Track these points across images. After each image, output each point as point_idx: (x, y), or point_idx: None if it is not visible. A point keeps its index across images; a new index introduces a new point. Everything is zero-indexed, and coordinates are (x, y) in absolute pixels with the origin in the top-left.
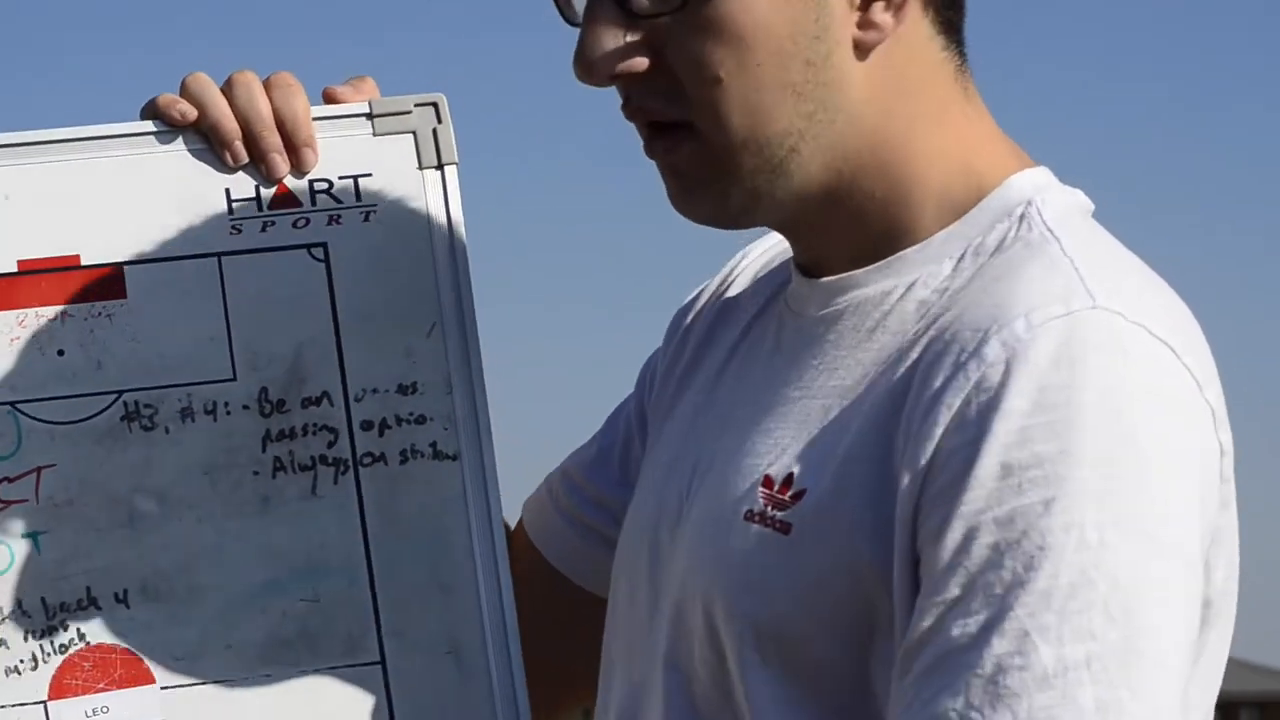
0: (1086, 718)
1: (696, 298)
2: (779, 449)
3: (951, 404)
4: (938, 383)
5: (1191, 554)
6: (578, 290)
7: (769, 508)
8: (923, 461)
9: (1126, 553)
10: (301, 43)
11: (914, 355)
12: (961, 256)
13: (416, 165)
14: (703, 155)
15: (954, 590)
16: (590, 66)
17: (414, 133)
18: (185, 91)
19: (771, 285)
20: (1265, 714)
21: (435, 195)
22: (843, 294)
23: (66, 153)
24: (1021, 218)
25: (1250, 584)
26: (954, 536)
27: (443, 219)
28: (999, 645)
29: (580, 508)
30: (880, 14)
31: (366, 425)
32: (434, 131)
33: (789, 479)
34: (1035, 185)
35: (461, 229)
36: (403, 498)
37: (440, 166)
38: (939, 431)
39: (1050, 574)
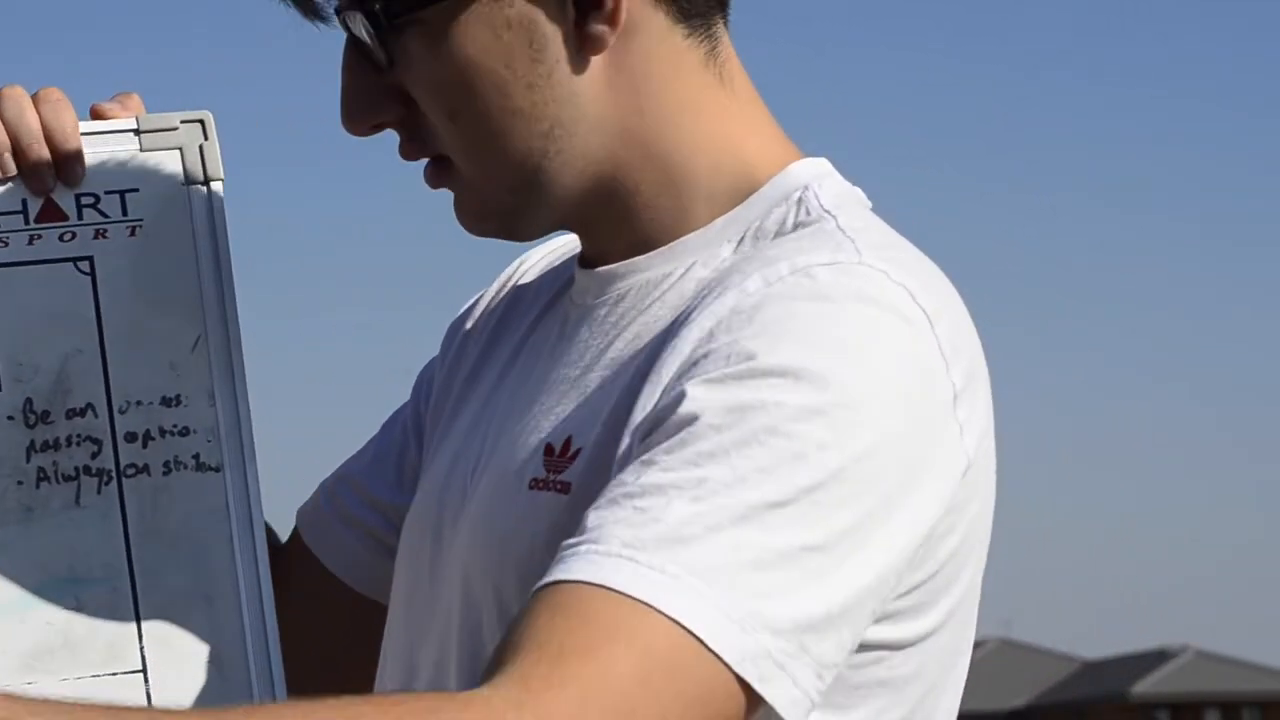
0: (736, 595)
1: (473, 306)
2: (558, 419)
3: (705, 326)
4: (695, 315)
5: (906, 498)
6: (345, 302)
7: (549, 473)
8: (669, 377)
9: (838, 472)
10: (68, 60)
11: (688, 313)
12: (741, 240)
13: (183, 181)
14: (461, 183)
15: (661, 445)
16: (350, 120)
17: (180, 149)
18: None
19: (555, 284)
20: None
21: (201, 210)
22: (623, 279)
23: None
24: (799, 201)
25: (1252, 586)
26: (682, 410)
27: (208, 233)
28: (686, 508)
29: (356, 511)
30: (596, 25)
31: (130, 437)
32: (200, 148)
33: (566, 443)
34: (814, 173)
35: (227, 243)
36: (166, 508)
37: (206, 182)
38: (688, 349)
39: (758, 465)
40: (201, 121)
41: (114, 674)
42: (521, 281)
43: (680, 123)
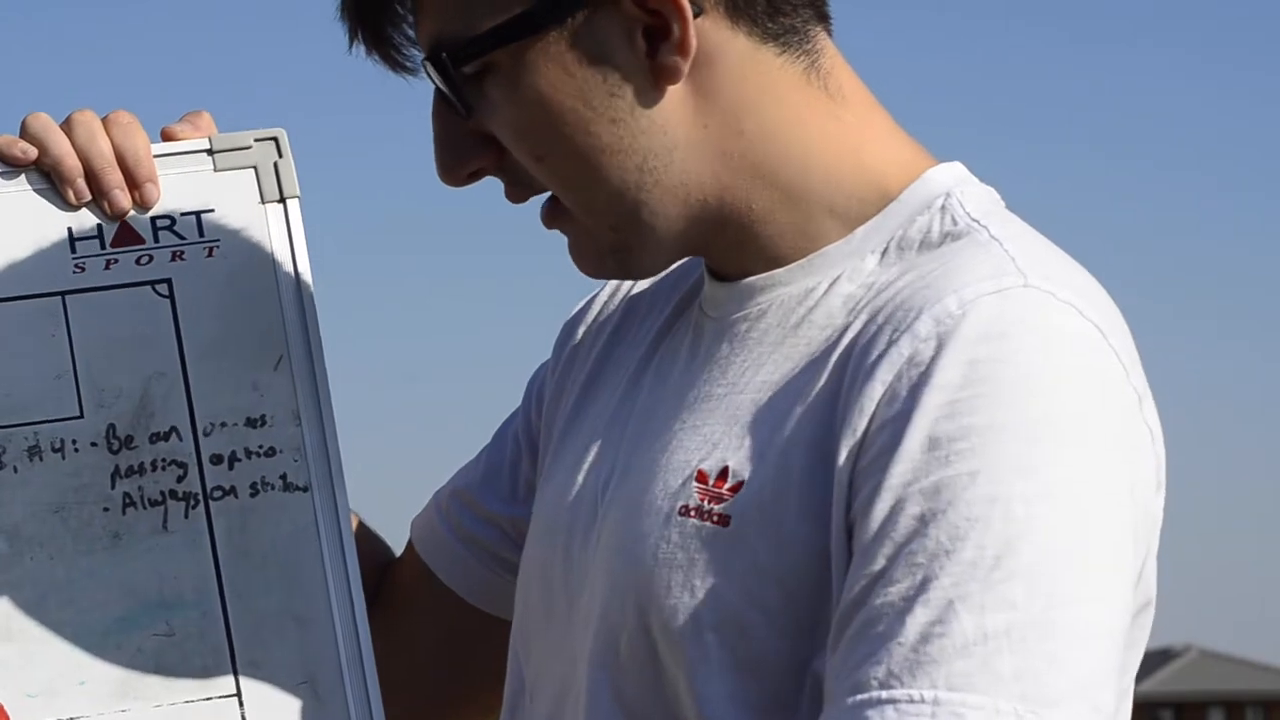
0: (1003, 685)
1: (585, 309)
2: (709, 444)
3: (885, 379)
4: (871, 360)
5: (1122, 532)
6: (425, 317)
7: (705, 501)
8: (857, 437)
9: (1054, 526)
10: (136, 84)
11: (846, 341)
12: (885, 250)
13: (258, 200)
14: (571, 224)
15: (880, 561)
16: (443, 170)
17: (255, 167)
18: (25, 131)
19: (680, 291)
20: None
21: (278, 229)
22: (763, 293)
23: None
24: (943, 209)
25: (1256, 586)
26: (882, 507)
27: (286, 252)
28: (922, 614)
29: (471, 527)
30: (668, 56)
31: (216, 459)
32: (275, 165)
33: (724, 472)
34: (953, 178)
35: (305, 261)
36: (254, 530)
37: (282, 200)
38: (872, 406)
39: (976, 544)
40: (275, 139)
41: (208, 699)
42: (638, 286)
43: (785, 138)
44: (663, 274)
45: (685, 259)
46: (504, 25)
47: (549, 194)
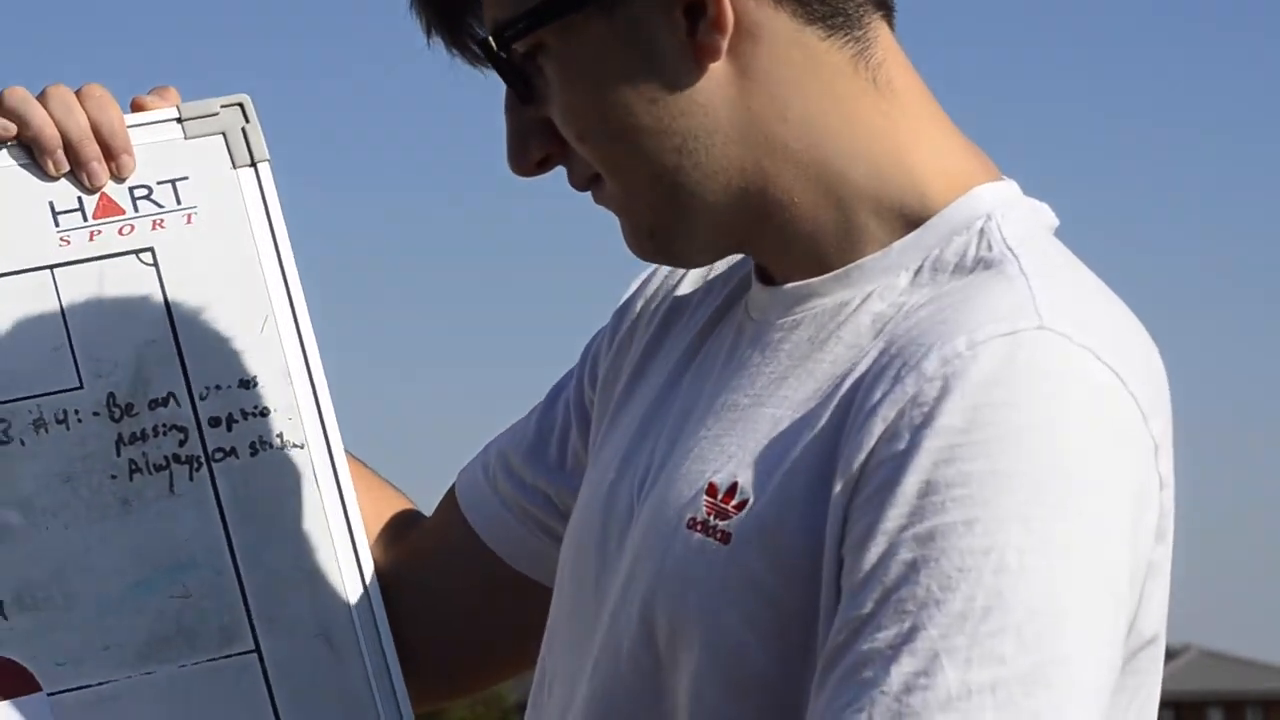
0: None
1: (643, 286)
2: (725, 456)
3: (887, 416)
4: (877, 395)
5: (1118, 587)
6: (407, 276)
7: (711, 516)
8: (853, 469)
9: (1047, 579)
10: (93, 55)
11: (861, 369)
12: (919, 269)
13: (230, 165)
14: (614, 205)
15: (869, 605)
16: (512, 161)
17: (224, 133)
18: (3, 105)
19: (729, 286)
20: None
21: (252, 192)
22: (801, 304)
23: None
24: (981, 232)
25: (1256, 585)
26: (874, 550)
27: (261, 215)
28: (908, 664)
29: (517, 492)
30: (707, 34)
31: (214, 421)
32: (243, 130)
33: (733, 488)
34: (998, 199)
35: (281, 222)
36: (257, 488)
37: (254, 164)
38: (871, 442)
39: (966, 596)
40: (240, 105)
41: (229, 656)
42: (691, 274)
43: (829, 128)
44: (717, 267)
45: (734, 256)
46: (548, 1)
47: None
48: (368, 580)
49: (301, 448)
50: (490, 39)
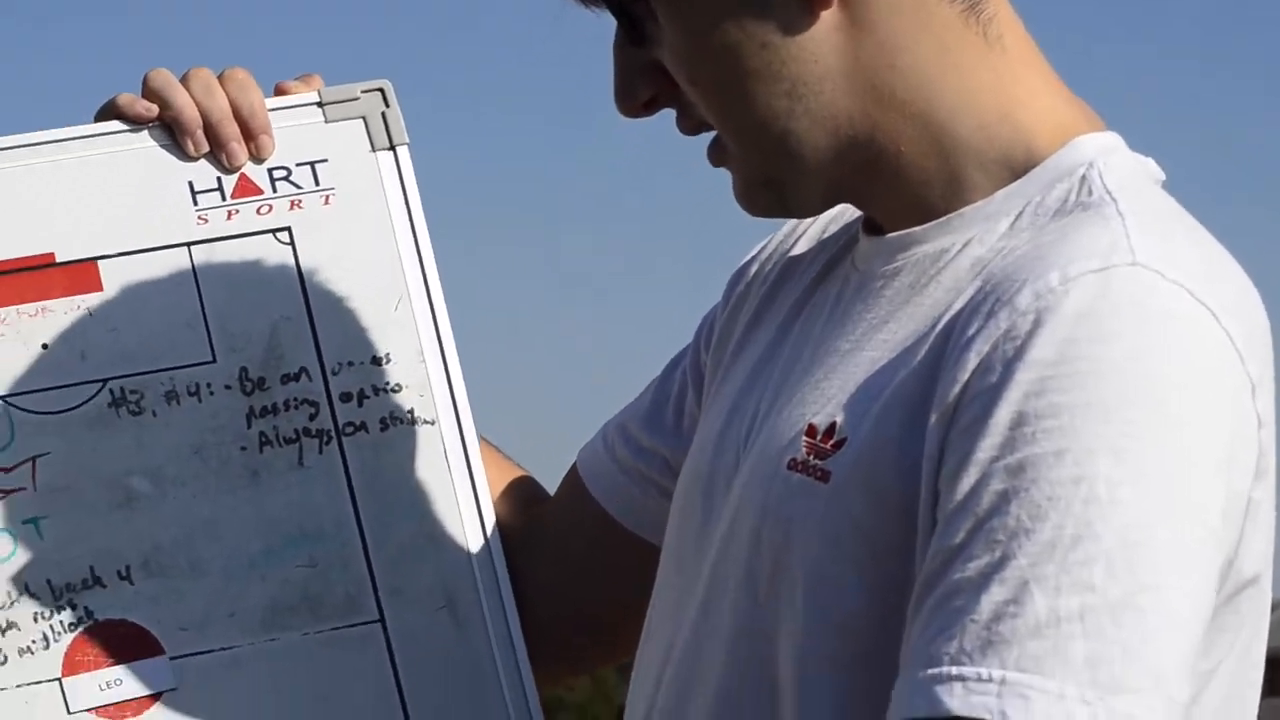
0: (1073, 670)
1: (757, 254)
2: (825, 399)
3: (981, 350)
4: (972, 330)
5: (1211, 519)
6: (536, 256)
7: (811, 456)
8: (949, 402)
9: (1138, 510)
10: (245, 47)
11: (958, 307)
12: (1019, 214)
13: (369, 148)
14: (729, 158)
15: (961, 534)
16: (619, 99)
17: (364, 118)
18: (147, 86)
19: (839, 241)
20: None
21: (390, 175)
22: (903, 250)
23: (32, 157)
24: (1082, 179)
25: None
26: (967, 481)
27: (399, 197)
28: (998, 592)
29: (635, 458)
30: None
31: (345, 396)
32: (383, 115)
33: (831, 428)
34: (1100, 148)
35: (418, 204)
36: (386, 463)
37: (392, 148)
38: (966, 376)
39: (1056, 525)
40: (381, 90)
41: (353, 625)
42: (807, 233)
43: (937, 79)
44: (829, 225)
45: (845, 206)
46: None
47: (715, 132)
48: (494, 554)
49: (432, 424)
50: None
